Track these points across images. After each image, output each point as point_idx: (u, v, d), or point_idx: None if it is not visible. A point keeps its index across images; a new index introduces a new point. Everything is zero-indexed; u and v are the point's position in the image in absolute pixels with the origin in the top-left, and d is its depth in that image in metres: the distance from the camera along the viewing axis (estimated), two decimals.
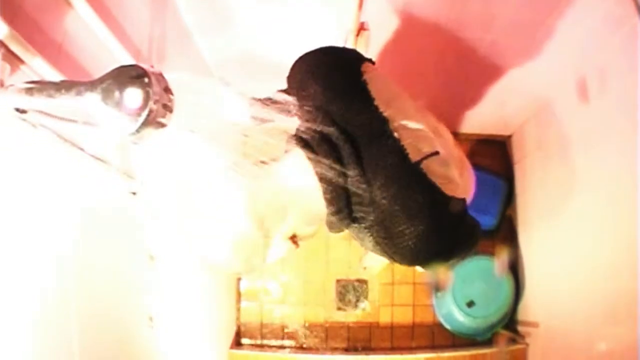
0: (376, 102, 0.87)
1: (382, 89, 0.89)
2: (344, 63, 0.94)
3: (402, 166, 0.82)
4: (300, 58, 0.94)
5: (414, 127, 0.87)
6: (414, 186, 0.82)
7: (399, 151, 0.83)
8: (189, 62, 1.69)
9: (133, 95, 0.53)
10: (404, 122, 0.86)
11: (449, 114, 2.29)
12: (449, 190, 0.84)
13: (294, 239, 0.82)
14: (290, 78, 0.95)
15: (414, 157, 0.83)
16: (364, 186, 0.80)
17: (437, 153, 0.86)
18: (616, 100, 1.53)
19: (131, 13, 1.19)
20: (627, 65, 1.42)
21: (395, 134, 0.84)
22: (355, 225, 0.87)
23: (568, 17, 1.54)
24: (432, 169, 0.84)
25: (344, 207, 0.82)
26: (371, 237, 0.86)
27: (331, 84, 0.88)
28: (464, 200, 0.88)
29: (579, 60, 1.70)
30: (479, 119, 2.31)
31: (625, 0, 1.35)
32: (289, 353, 2.35)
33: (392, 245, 0.83)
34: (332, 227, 0.87)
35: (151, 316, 1.32)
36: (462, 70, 1.92)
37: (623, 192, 1.50)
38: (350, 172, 0.80)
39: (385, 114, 0.86)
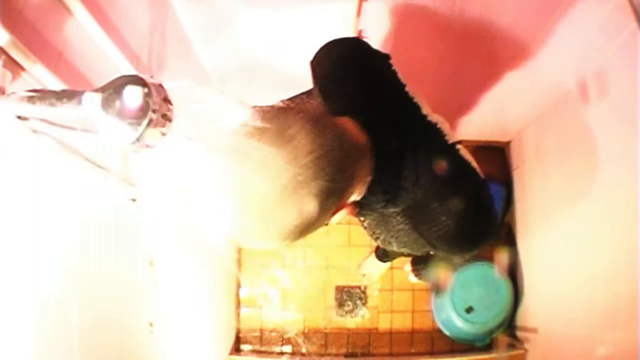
0: (407, 89, 0.90)
1: (406, 81, 0.92)
2: (374, 51, 0.98)
3: (442, 147, 0.84)
4: (329, 44, 0.95)
5: (437, 118, 0.90)
6: (455, 166, 0.84)
7: (438, 133, 0.85)
8: (188, 69, 1.69)
9: (133, 105, 0.54)
10: (428, 112, 0.89)
11: (448, 120, 2.28)
12: None
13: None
14: (317, 63, 0.96)
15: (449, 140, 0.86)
16: (409, 164, 0.79)
17: (460, 142, 0.89)
18: (615, 106, 1.53)
19: (131, 21, 1.19)
20: (626, 71, 1.43)
21: (429, 118, 0.86)
22: (390, 207, 0.84)
23: (566, 24, 1.55)
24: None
25: (390, 179, 0.79)
26: (405, 224, 0.86)
27: (367, 68, 0.92)
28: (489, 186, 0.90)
29: (577, 66, 1.70)
30: (477, 125, 2.32)
31: (624, 6, 1.36)
32: (288, 359, 2.35)
33: (432, 226, 0.83)
34: (365, 208, 0.82)
35: (151, 322, 1.32)
36: (461, 77, 1.92)
37: (622, 197, 1.50)
38: (394, 147, 0.78)
39: (415, 101, 0.88)
